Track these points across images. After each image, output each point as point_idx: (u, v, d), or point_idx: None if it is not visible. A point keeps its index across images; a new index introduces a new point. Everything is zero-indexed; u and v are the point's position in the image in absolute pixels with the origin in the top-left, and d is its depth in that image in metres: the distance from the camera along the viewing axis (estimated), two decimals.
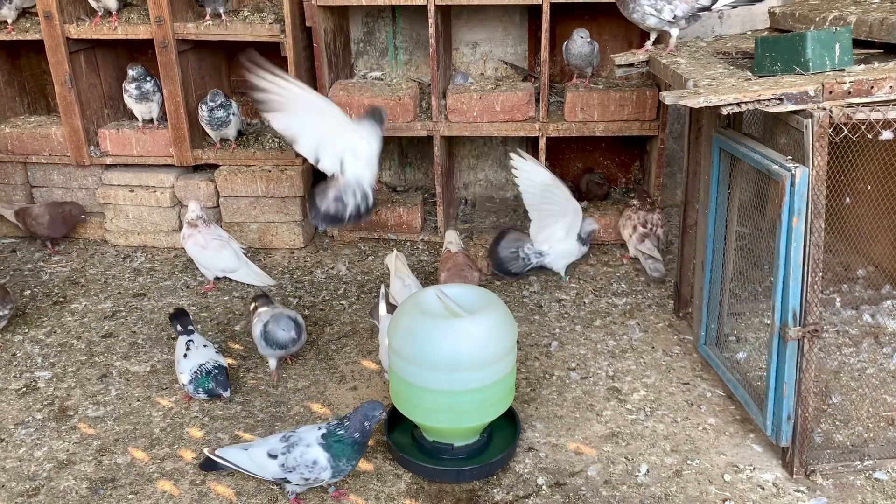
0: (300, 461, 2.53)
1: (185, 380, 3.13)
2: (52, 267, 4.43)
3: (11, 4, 4.31)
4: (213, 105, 4.36)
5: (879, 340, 3.38)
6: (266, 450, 2.58)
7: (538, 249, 4.04)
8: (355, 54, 4.97)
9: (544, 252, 4.04)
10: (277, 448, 2.57)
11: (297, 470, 2.53)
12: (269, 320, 3.23)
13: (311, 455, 2.53)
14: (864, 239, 3.51)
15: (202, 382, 3.11)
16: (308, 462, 2.53)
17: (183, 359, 3.17)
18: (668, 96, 2.54)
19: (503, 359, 2.68)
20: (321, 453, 2.53)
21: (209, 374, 3.11)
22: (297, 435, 2.60)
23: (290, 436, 2.60)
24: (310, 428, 2.62)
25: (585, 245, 4.09)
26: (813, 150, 2.41)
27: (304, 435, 2.58)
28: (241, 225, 4.57)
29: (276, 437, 2.64)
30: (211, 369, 3.12)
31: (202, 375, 3.11)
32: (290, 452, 2.55)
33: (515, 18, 4.82)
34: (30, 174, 4.75)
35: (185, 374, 3.13)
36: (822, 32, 2.53)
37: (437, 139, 4.44)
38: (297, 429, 2.65)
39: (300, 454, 2.54)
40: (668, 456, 2.86)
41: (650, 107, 4.34)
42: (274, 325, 3.21)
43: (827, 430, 2.88)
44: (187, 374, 3.12)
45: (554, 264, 4.09)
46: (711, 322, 3.28)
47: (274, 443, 2.60)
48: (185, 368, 3.14)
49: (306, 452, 2.54)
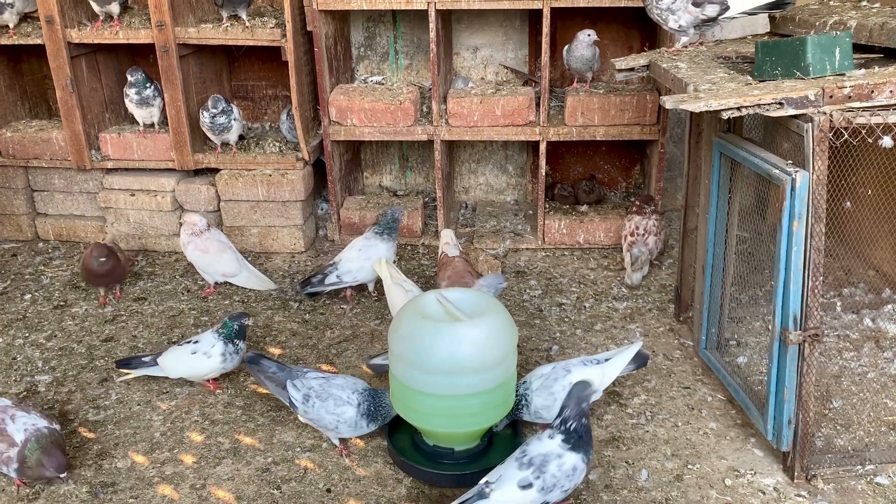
0: (559, 475, 2.40)
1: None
2: (53, 271, 4.43)
3: (13, 9, 4.32)
4: (214, 112, 4.37)
5: (880, 344, 3.38)
6: (516, 484, 2.39)
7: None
8: (356, 58, 4.98)
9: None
10: (527, 476, 2.39)
11: (559, 485, 2.40)
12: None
13: (569, 463, 2.42)
14: (864, 243, 3.51)
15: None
16: (568, 472, 2.42)
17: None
18: (668, 100, 2.54)
19: (503, 363, 2.67)
20: (574, 456, 2.43)
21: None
22: (535, 454, 2.42)
23: (528, 459, 2.43)
24: (539, 442, 2.46)
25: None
26: (813, 154, 2.41)
27: (545, 450, 2.43)
28: (241, 229, 4.58)
29: (509, 468, 2.43)
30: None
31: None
32: (544, 473, 2.39)
33: (516, 23, 4.82)
34: (31, 178, 4.76)
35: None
36: (822, 37, 2.54)
37: (437, 143, 4.44)
38: (527, 450, 2.46)
39: (557, 468, 2.40)
40: (668, 460, 2.85)
41: (651, 111, 4.34)
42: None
43: (828, 435, 2.88)
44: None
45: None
46: (712, 326, 3.28)
47: (516, 473, 2.40)
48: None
49: (563, 463, 2.41)
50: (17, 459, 2.60)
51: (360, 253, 3.89)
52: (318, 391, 2.86)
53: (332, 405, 2.82)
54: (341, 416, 2.82)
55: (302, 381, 2.90)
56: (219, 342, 3.18)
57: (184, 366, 3.20)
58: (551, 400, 2.84)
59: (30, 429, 2.65)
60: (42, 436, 2.63)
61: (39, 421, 2.70)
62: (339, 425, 2.83)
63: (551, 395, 2.84)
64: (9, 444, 2.61)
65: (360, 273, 3.88)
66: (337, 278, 3.89)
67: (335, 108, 4.42)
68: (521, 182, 5.22)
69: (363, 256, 3.88)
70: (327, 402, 2.83)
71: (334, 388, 2.86)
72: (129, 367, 3.31)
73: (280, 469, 2.85)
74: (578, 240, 4.58)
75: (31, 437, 2.62)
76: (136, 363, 3.30)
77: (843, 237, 3.29)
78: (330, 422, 2.83)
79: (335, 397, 2.83)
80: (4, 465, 2.63)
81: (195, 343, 3.20)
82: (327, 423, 2.84)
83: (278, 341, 3.68)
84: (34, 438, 2.61)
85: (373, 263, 3.81)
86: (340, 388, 2.87)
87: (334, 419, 2.82)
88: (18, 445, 2.61)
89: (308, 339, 3.69)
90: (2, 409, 2.74)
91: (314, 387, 2.87)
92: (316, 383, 2.89)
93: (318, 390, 2.86)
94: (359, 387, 2.89)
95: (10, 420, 2.67)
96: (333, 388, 2.87)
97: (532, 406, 2.86)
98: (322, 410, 2.83)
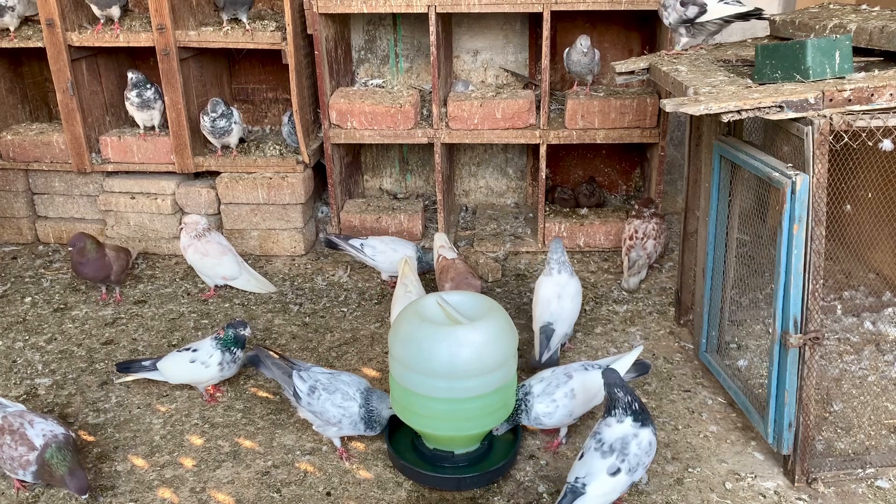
0: (640, 453, 2.44)
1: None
2: (53, 274, 4.43)
3: (14, 12, 4.32)
4: (214, 115, 4.37)
5: (881, 348, 3.38)
6: (605, 472, 2.40)
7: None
8: (356, 62, 4.99)
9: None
10: (614, 462, 2.42)
11: (641, 463, 2.45)
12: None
13: (645, 439, 2.46)
14: (864, 246, 3.51)
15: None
16: (646, 448, 2.46)
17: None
18: (668, 104, 2.54)
19: (504, 366, 2.67)
20: (647, 431, 2.47)
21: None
22: (613, 439, 2.44)
23: (608, 445, 2.44)
24: (610, 428, 2.47)
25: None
26: (813, 157, 2.41)
27: (621, 433, 2.45)
28: (241, 232, 4.58)
29: (593, 460, 2.44)
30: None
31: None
32: (627, 455, 2.42)
33: (516, 26, 4.83)
34: (31, 181, 4.76)
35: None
36: (822, 40, 2.54)
37: (437, 146, 4.44)
38: (602, 438, 2.47)
39: (637, 447, 2.44)
40: (669, 464, 2.85)
41: (651, 114, 4.34)
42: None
43: (828, 438, 2.87)
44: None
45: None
46: (712, 329, 3.27)
47: (602, 463, 2.41)
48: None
49: (640, 441, 2.45)
50: (35, 462, 2.63)
51: (390, 244, 4.15)
52: (326, 384, 2.87)
53: (339, 398, 2.84)
54: (347, 409, 2.83)
55: (308, 373, 2.92)
56: (216, 351, 3.19)
57: (182, 373, 3.21)
58: (553, 407, 2.83)
59: (48, 434, 2.68)
60: (61, 444, 2.65)
61: (57, 428, 2.73)
62: (342, 419, 2.83)
63: (553, 402, 2.83)
64: (29, 447, 2.64)
65: (381, 256, 4.09)
66: (360, 245, 4.14)
67: (335, 111, 4.43)
68: (522, 185, 5.22)
69: (390, 248, 4.11)
70: (335, 396, 2.84)
71: (342, 384, 2.88)
72: (129, 370, 3.31)
73: (280, 472, 2.85)
74: (579, 243, 4.58)
75: (50, 441, 2.65)
76: (136, 367, 3.30)
77: (844, 240, 3.29)
78: (334, 415, 2.83)
79: (343, 392, 2.85)
80: (21, 469, 2.65)
81: (194, 351, 3.21)
82: (331, 417, 2.84)
83: (278, 344, 3.67)
84: (53, 444, 2.64)
85: (398, 262, 3.90)
86: (347, 384, 2.89)
87: (340, 412, 2.83)
88: (38, 450, 2.63)
89: (308, 341, 3.69)
90: (20, 413, 2.77)
91: (321, 379, 2.89)
92: (323, 377, 2.91)
93: (325, 383, 2.87)
94: (362, 387, 2.91)
95: (28, 425, 2.70)
96: (341, 383, 2.89)
97: (533, 412, 2.85)
98: (328, 403, 2.83)
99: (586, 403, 2.85)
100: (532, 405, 2.85)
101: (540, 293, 3.41)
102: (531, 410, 2.85)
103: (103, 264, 3.96)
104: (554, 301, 3.35)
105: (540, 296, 3.40)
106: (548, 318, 3.34)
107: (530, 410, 2.85)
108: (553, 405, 2.83)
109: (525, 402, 2.86)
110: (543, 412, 2.83)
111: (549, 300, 3.36)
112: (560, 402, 2.82)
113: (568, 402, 2.82)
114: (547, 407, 2.83)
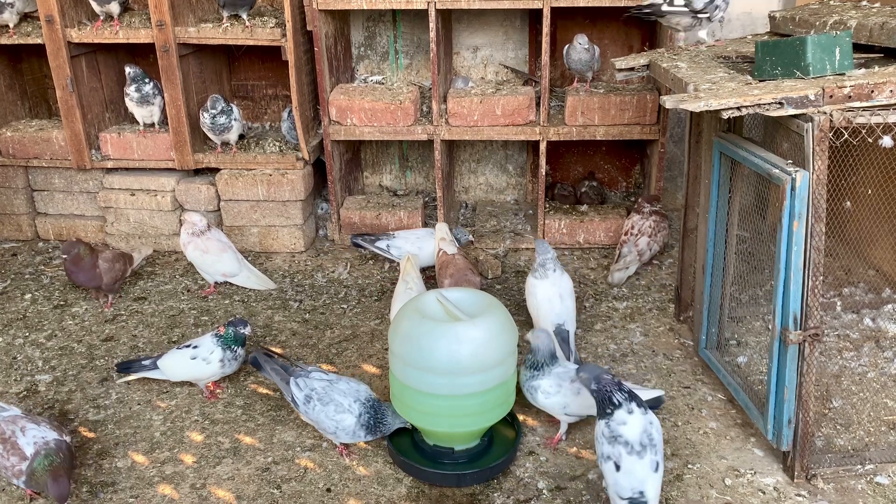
0: (658, 435, 2.45)
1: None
2: (53, 271, 4.43)
3: (13, 8, 4.32)
4: (214, 112, 4.37)
5: (880, 344, 3.38)
6: (650, 469, 2.41)
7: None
8: (356, 58, 4.98)
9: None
10: (651, 458, 2.42)
11: (660, 443, 2.48)
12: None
13: (656, 420, 2.48)
14: (864, 243, 3.51)
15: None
16: (658, 427, 2.48)
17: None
18: (668, 100, 2.54)
19: (504, 363, 2.67)
20: (650, 412, 2.49)
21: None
22: (640, 434, 2.44)
23: (639, 442, 2.43)
24: (627, 426, 2.47)
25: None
26: (813, 153, 2.41)
27: (641, 425, 2.45)
28: (241, 228, 4.58)
29: (634, 466, 2.44)
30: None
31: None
32: (654, 443, 2.42)
33: (516, 23, 4.82)
34: (31, 178, 4.76)
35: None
36: (822, 37, 2.54)
37: (437, 143, 4.44)
38: (629, 441, 2.45)
39: (656, 431, 2.45)
40: (668, 460, 2.85)
41: (651, 111, 4.34)
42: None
43: (828, 435, 2.88)
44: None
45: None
46: (712, 326, 3.28)
47: (639, 462, 2.41)
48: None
49: (655, 423, 2.46)
50: (26, 473, 2.61)
51: (417, 241, 4.16)
52: (321, 394, 2.84)
53: (332, 411, 2.81)
54: (340, 423, 2.80)
55: (305, 380, 2.89)
56: (217, 348, 3.19)
57: (184, 370, 3.21)
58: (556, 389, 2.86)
59: (39, 441, 2.65)
60: (50, 451, 2.63)
61: (49, 433, 2.70)
62: (337, 431, 2.82)
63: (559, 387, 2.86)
64: (20, 457, 2.62)
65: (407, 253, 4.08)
66: (386, 246, 4.19)
67: (335, 107, 4.42)
68: (522, 182, 5.22)
69: (417, 245, 4.12)
70: (328, 408, 2.81)
71: (337, 394, 2.83)
72: (129, 370, 3.30)
73: (280, 468, 2.85)
74: (578, 239, 4.58)
75: (40, 449, 2.63)
76: (136, 367, 3.30)
77: (843, 237, 3.29)
78: (328, 426, 2.83)
79: (336, 403, 2.81)
80: (15, 478, 2.64)
81: (195, 348, 3.21)
82: (326, 427, 2.84)
83: (278, 341, 3.68)
84: (43, 452, 2.62)
85: (429, 253, 3.95)
86: (343, 394, 2.84)
87: (333, 425, 2.81)
88: (28, 459, 2.62)
89: (308, 338, 3.69)
90: (12, 419, 2.73)
91: (317, 389, 2.85)
92: (319, 385, 2.86)
93: (320, 393, 2.84)
94: (361, 395, 2.85)
95: (20, 433, 2.67)
96: (336, 393, 2.84)
97: (538, 381, 2.87)
98: (322, 415, 2.82)
99: (580, 408, 2.87)
100: (542, 377, 2.88)
101: (538, 295, 3.38)
102: (538, 380, 2.88)
103: (94, 274, 3.90)
104: (556, 301, 3.35)
105: (539, 298, 3.38)
106: (556, 319, 3.33)
107: (538, 379, 2.88)
108: (557, 388, 2.85)
109: (542, 370, 2.89)
110: (546, 389, 2.87)
111: (552, 301, 3.35)
112: (563, 390, 2.85)
113: (568, 395, 2.83)
114: (551, 387, 2.86)
